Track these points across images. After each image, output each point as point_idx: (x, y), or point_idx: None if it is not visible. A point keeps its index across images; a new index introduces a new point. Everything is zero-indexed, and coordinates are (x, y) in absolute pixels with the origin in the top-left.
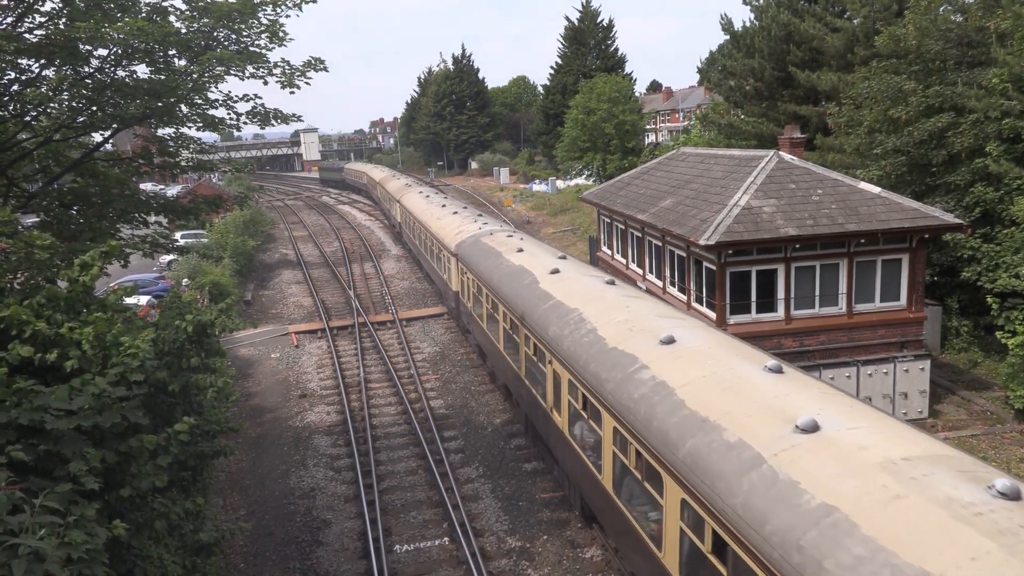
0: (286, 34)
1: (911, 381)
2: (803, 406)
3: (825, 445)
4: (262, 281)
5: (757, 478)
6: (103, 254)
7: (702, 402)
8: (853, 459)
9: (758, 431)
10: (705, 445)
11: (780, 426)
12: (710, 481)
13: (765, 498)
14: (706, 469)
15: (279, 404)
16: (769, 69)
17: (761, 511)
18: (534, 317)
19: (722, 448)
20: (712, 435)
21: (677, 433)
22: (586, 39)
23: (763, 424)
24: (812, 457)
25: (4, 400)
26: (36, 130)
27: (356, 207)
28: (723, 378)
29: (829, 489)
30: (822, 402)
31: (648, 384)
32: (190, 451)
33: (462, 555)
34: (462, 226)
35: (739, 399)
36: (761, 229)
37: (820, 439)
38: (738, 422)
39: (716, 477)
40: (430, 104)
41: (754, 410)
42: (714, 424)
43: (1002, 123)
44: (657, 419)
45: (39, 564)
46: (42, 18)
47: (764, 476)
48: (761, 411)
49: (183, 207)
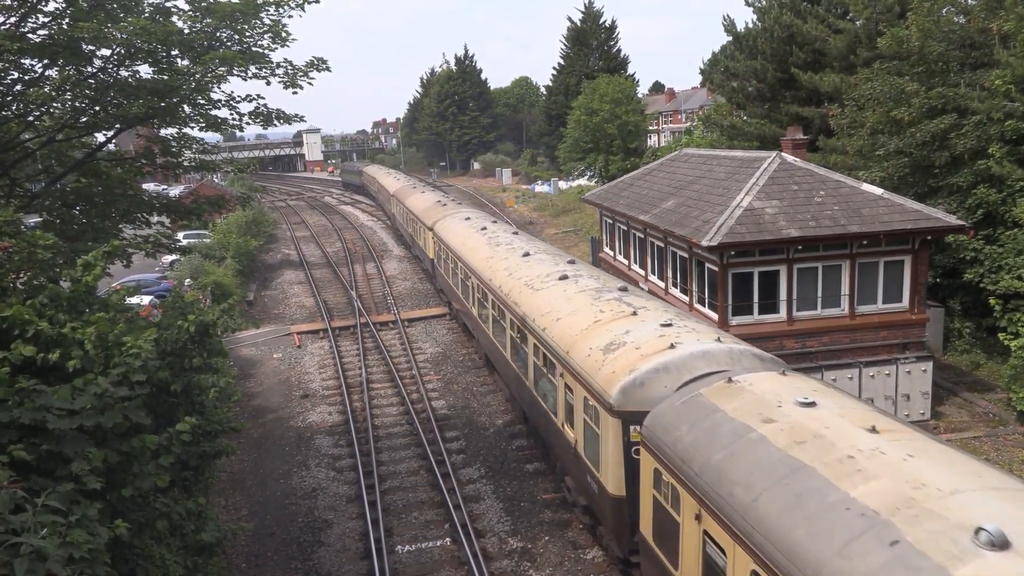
0: (288, 34)
1: (913, 383)
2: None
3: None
4: (264, 281)
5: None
6: (106, 254)
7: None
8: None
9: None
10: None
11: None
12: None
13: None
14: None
15: (281, 404)
16: (771, 70)
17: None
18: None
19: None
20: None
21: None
22: (589, 40)
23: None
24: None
25: (6, 399)
26: (39, 130)
27: (358, 207)
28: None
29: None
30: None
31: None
32: (192, 451)
33: (464, 556)
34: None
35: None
36: (763, 230)
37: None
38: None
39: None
40: (433, 105)
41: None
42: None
43: (1005, 125)
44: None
45: (41, 563)
46: (45, 18)
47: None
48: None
49: (185, 207)
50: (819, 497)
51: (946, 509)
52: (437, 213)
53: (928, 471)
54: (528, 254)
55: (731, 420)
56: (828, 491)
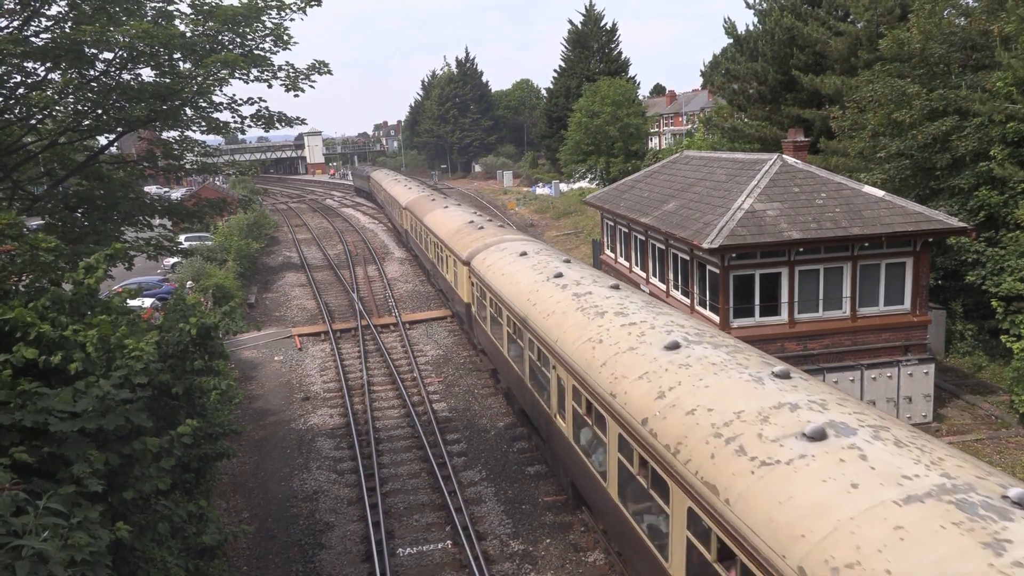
0: (290, 37)
1: (915, 385)
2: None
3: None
4: (266, 284)
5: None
6: (108, 257)
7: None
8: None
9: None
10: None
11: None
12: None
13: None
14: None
15: (282, 407)
16: (773, 72)
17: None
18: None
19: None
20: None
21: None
22: (589, 42)
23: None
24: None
25: (8, 402)
26: (41, 133)
27: (359, 210)
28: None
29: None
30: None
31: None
32: (193, 453)
33: (465, 558)
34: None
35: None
36: (765, 232)
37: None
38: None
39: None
40: (434, 107)
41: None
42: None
43: (1006, 126)
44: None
45: (42, 566)
46: (48, 22)
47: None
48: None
49: (187, 210)
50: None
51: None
52: (473, 240)
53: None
54: (676, 346)
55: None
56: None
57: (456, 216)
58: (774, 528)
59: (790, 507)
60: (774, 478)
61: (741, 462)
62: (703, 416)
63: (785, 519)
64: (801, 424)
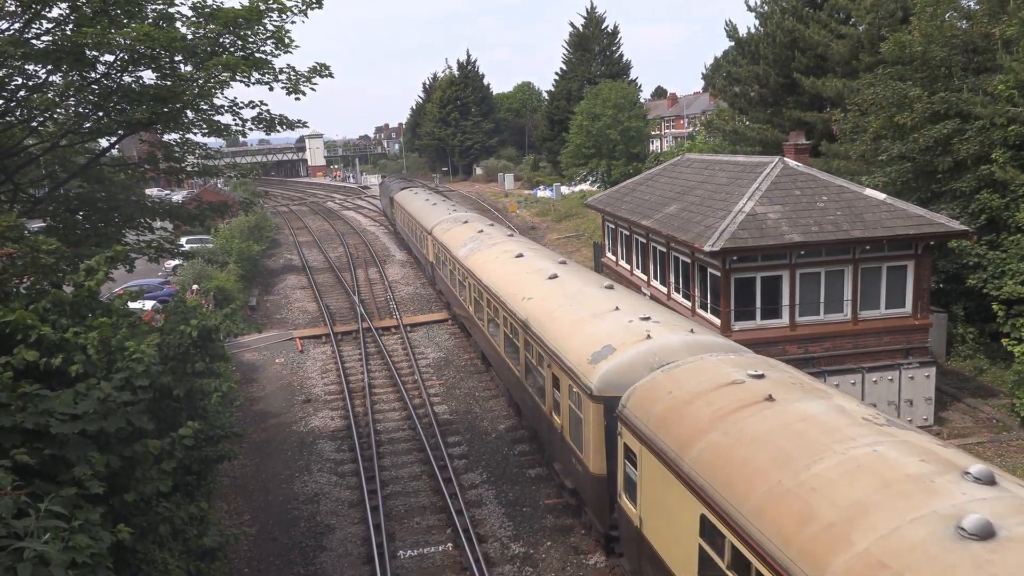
0: (292, 40)
1: (916, 388)
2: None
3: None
4: (267, 286)
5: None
6: (109, 259)
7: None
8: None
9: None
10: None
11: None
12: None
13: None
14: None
15: (283, 409)
16: (774, 75)
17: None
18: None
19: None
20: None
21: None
22: (591, 45)
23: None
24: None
25: (9, 404)
26: (43, 135)
27: (361, 212)
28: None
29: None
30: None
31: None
32: (194, 455)
33: (466, 561)
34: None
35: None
36: (766, 235)
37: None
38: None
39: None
40: (435, 110)
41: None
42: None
43: (1008, 129)
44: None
45: (44, 568)
46: (49, 24)
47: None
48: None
49: (189, 212)
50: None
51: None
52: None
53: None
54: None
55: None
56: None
57: (588, 295)
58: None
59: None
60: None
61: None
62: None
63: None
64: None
